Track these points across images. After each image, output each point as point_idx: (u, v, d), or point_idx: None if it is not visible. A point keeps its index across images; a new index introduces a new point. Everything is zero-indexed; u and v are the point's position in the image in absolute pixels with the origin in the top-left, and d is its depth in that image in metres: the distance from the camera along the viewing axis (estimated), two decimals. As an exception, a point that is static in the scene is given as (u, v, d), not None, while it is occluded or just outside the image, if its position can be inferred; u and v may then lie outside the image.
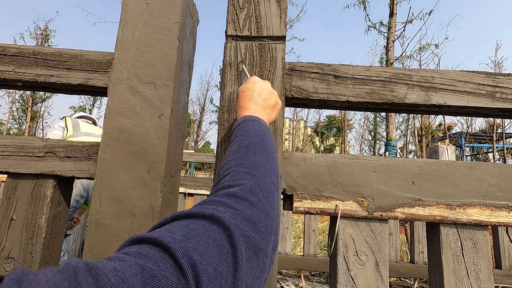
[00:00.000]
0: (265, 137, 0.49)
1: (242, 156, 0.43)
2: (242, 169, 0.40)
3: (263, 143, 0.47)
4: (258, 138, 0.47)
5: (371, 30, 7.09)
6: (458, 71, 0.69)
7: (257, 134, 0.48)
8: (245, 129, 0.50)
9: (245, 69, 0.65)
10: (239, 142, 0.47)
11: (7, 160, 0.66)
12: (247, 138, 0.47)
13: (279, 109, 0.61)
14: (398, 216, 0.61)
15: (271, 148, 0.47)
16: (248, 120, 0.52)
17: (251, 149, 0.44)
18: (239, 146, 0.46)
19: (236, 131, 0.51)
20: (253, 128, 0.50)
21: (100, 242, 0.57)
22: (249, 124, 0.51)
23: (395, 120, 5.93)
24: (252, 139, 0.46)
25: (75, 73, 0.69)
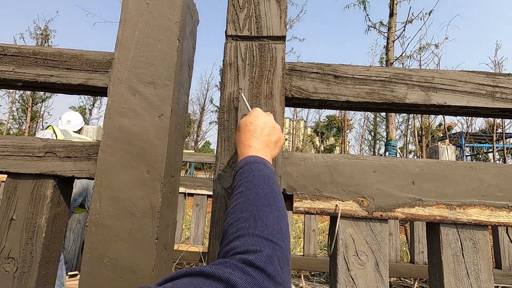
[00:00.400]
0: (273, 186, 0.46)
1: (254, 216, 0.40)
2: (256, 233, 0.37)
3: (272, 194, 0.44)
4: (267, 188, 0.45)
5: (371, 30, 7.09)
6: (458, 71, 0.69)
7: (265, 182, 0.46)
8: (251, 175, 0.47)
9: (244, 98, 0.63)
10: (246, 193, 0.44)
11: (7, 160, 0.66)
12: (255, 188, 0.44)
13: (281, 145, 0.59)
14: (398, 216, 0.61)
15: (280, 199, 0.45)
16: (252, 162, 0.49)
17: (261, 205, 0.41)
18: (247, 199, 0.43)
19: (241, 175, 0.48)
20: (260, 174, 0.47)
21: (100, 242, 0.57)
22: (255, 168, 0.48)
23: (395, 120, 5.93)
24: (261, 190, 0.44)
25: (75, 73, 0.69)
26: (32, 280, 0.61)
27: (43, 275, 0.64)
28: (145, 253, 0.57)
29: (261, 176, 0.47)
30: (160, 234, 0.59)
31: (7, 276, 0.61)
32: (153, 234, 0.57)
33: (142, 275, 0.56)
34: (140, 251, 0.57)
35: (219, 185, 0.62)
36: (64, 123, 3.12)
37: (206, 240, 3.74)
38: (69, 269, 2.64)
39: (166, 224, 0.63)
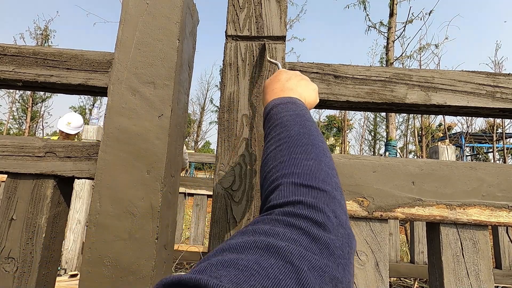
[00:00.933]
0: (306, 122, 0.40)
1: (287, 161, 0.35)
2: (293, 181, 0.32)
3: (306, 132, 0.38)
4: (299, 127, 0.39)
5: (371, 30, 7.09)
6: (458, 71, 0.69)
7: (296, 121, 0.40)
8: (279, 117, 0.42)
9: (280, 66, 0.60)
10: (276, 138, 0.39)
11: (7, 160, 0.66)
12: (285, 130, 0.39)
13: (316, 90, 0.52)
14: (398, 216, 0.61)
15: (316, 135, 0.39)
16: (279, 104, 0.44)
17: (294, 147, 0.36)
18: (279, 144, 0.38)
19: (269, 121, 0.43)
20: (288, 113, 0.42)
21: (100, 242, 0.57)
22: (282, 109, 0.43)
23: (395, 120, 5.93)
24: (292, 131, 0.38)
25: (75, 73, 0.69)
26: (32, 280, 0.61)
27: (43, 275, 0.64)
28: (145, 253, 0.57)
29: (291, 115, 0.41)
30: (160, 234, 0.59)
31: (7, 276, 0.61)
32: (153, 234, 0.57)
33: (142, 275, 0.56)
34: (140, 251, 0.57)
35: (219, 185, 0.62)
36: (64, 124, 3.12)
37: (206, 240, 3.74)
38: (69, 269, 2.64)
39: (166, 224, 0.63)
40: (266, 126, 0.44)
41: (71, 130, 3.13)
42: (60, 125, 3.15)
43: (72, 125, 3.15)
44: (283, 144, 0.37)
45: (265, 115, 0.46)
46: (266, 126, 0.44)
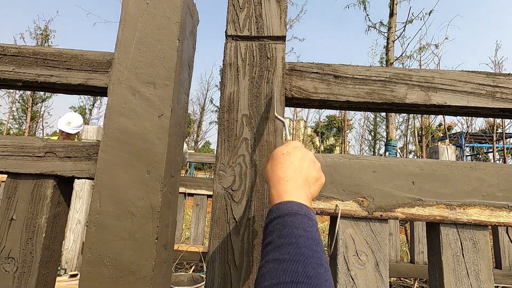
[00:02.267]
0: (322, 255, 0.36)
1: None
2: None
3: (322, 274, 0.34)
4: (316, 263, 0.34)
5: (371, 30, 7.09)
6: (458, 71, 0.69)
7: (313, 251, 0.35)
8: (295, 234, 0.37)
9: (286, 124, 0.57)
10: (291, 268, 0.33)
11: (7, 160, 0.66)
12: (302, 262, 0.34)
13: (321, 186, 0.50)
14: (398, 216, 0.61)
15: (329, 276, 0.35)
16: (296, 214, 0.39)
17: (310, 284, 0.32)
18: (295, 281, 0.32)
19: (281, 229, 0.38)
20: (306, 234, 0.37)
21: (100, 242, 0.57)
22: (300, 224, 0.38)
23: (395, 120, 5.93)
24: (309, 269, 0.33)
25: (75, 73, 0.69)
26: (32, 280, 0.61)
27: (43, 275, 0.64)
28: (145, 253, 0.57)
29: (308, 239, 0.36)
30: (160, 234, 0.59)
31: (7, 276, 0.61)
32: (153, 234, 0.57)
33: (142, 275, 0.56)
34: (140, 251, 0.57)
35: (219, 185, 0.62)
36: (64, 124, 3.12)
37: (206, 240, 3.74)
38: (69, 269, 2.64)
39: (166, 224, 0.63)
40: (274, 232, 0.38)
41: (72, 130, 3.13)
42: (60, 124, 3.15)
43: (73, 124, 3.15)
44: (299, 284, 0.32)
45: (275, 214, 0.40)
46: (275, 232, 0.38)
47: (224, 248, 0.60)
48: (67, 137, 3.15)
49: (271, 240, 0.38)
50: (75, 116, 3.25)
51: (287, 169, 0.45)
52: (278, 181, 0.44)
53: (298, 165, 0.46)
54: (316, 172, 0.48)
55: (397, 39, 6.45)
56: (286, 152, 0.48)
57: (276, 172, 0.45)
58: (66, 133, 3.13)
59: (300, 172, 0.45)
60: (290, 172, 0.45)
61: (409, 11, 6.39)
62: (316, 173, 0.48)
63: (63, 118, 3.18)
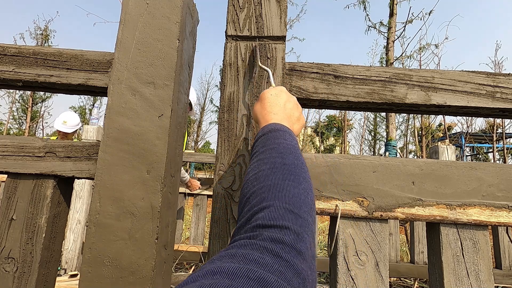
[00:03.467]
0: (299, 156, 0.42)
1: (280, 185, 0.36)
2: (283, 205, 0.34)
3: (299, 164, 0.40)
4: (293, 157, 0.41)
5: (371, 30, 7.09)
6: (458, 71, 0.69)
7: (291, 151, 0.42)
8: (275, 142, 0.43)
9: (270, 74, 0.61)
10: (270, 160, 0.40)
11: (7, 160, 0.66)
12: (280, 156, 0.40)
13: (303, 126, 0.56)
14: (398, 216, 0.61)
15: (306, 170, 0.41)
16: (277, 130, 0.46)
17: (288, 174, 0.38)
18: (271, 166, 0.39)
19: (264, 142, 0.44)
20: (286, 142, 0.43)
21: (100, 242, 0.57)
22: (280, 136, 0.44)
23: (395, 120, 5.93)
24: (287, 159, 0.40)
25: (75, 73, 0.69)
26: (32, 280, 0.61)
27: (43, 275, 0.64)
28: (145, 253, 0.57)
29: (288, 145, 0.43)
30: (160, 234, 0.59)
31: (7, 276, 0.61)
32: (153, 234, 0.57)
33: (142, 275, 0.56)
34: (140, 251, 0.57)
35: (219, 185, 0.62)
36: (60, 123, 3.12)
37: (206, 240, 3.74)
38: (69, 269, 2.64)
39: (166, 224, 0.63)
40: (258, 145, 0.45)
41: (68, 129, 3.12)
42: (57, 124, 3.15)
43: (69, 123, 3.14)
44: (277, 168, 0.38)
45: (260, 134, 0.47)
46: (259, 144, 0.45)
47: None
48: (64, 136, 3.14)
49: (255, 151, 0.44)
50: (70, 114, 3.23)
51: (274, 107, 0.51)
52: (266, 114, 0.51)
53: (284, 105, 0.52)
54: (299, 113, 0.55)
55: (397, 39, 6.44)
56: (274, 94, 0.54)
57: (265, 109, 0.52)
58: (63, 133, 3.12)
59: (284, 110, 0.52)
60: (276, 109, 0.51)
61: (409, 11, 6.38)
62: (298, 114, 0.55)
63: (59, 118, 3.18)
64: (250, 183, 0.39)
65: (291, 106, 0.53)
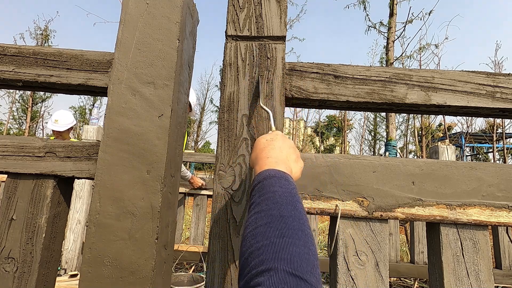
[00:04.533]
0: (297, 204, 0.41)
1: (278, 244, 0.35)
2: (284, 268, 0.32)
3: (298, 215, 0.38)
4: (291, 207, 0.39)
5: (371, 30, 7.09)
6: (458, 71, 0.69)
7: (288, 200, 0.40)
8: (272, 191, 0.42)
9: (271, 115, 0.61)
10: (268, 213, 0.38)
11: (7, 160, 0.66)
12: (278, 207, 0.39)
13: (301, 168, 0.54)
14: (398, 216, 0.61)
15: (305, 220, 0.39)
16: (273, 176, 0.44)
17: (286, 229, 0.36)
18: (269, 221, 0.37)
19: (260, 191, 0.43)
20: (282, 189, 0.42)
21: (100, 242, 0.57)
22: (276, 183, 0.43)
23: (395, 120, 5.93)
24: (284, 210, 0.38)
25: (75, 73, 0.69)
26: (32, 280, 0.61)
27: (43, 275, 0.64)
28: (145, 253, 0.57)
29: (284, 192, 0.41)
30: (160, 234, 0.59)
31: (7, 276, 0.61)
32: (153, 234, 0.57)
33: (142, 275, 0.56)
34: (140, 251, 0.57)
35: (219, 185, 0.62)
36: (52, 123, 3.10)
37: (206, 240, 3.75)
38: (69, 269, 2.64)
39: (166, 224, 0.63)
40: (255, 194, 0.43)
41: (60, 127, 3.08)
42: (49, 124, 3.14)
43: (60, 122, 3.10)
44: (274, 223, 0.37)
45: (256, 181, 0.45)
46: (256, 194, 0.43)
47: (224, 248, 0.60)
48: (59, 135, 3.12)
49: (253, 201, 0.43)
50: (62, 113, 3.20)
51: (269, 151, 0.50)
52: (261, 159, 0.49)
53: (279, 148, 0.51)
54: (296, 156, 0.53)
55: (397, 39, 6.44)
56: (269, 138, 0.53)
57: (260, 154, 0.51)
58: (57, 132, 3.09)
59: (280, 153, 0.50)
60: (271, 153, 0.50)
61: (409, 11, 6.38)
62: (295, 156, 0.53)
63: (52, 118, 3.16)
64: (248, 241, 0.38)
65: (287, 149, 0.51)
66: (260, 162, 0.49)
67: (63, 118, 3.14)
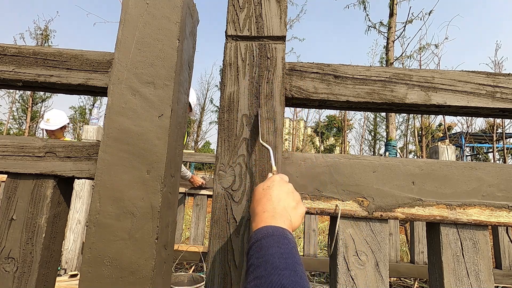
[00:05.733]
0: (297, 267, 0.39)
1: None
2: None
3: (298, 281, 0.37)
4: (289, 272, 0.37)
5: (371, 30, 7.09)
6: (458, 71, 0.69)
7: (287, 264, 0.39)
8: (270, 253, 0.40)
9: (271, 152, 0.59)
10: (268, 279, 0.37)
11: (7, 160, 0.66)
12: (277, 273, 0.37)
13: (303, 215, 0.52)
14: (398, 216, 0.61)
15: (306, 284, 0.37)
16: (271, 235, 0.43)
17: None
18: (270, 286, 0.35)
19: (257, 252, 0.41)
20: (280, 250, 0.40)
21: (100, 242, 0.57)
22: (274, 243, 0.41)
23: (395, 120, 5.93)
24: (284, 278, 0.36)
25: (75, 73, 0.69)
26: (32, 280, 0.61)
27: (43, 275, 0.64)
28: (145, 253, 0.57)
29: (282, 254, 0.40)
30: (160, 234, 0.59)
31: (7, 276, 0.61)
32: (153, 234, 0.57)
33: (142, 275, 0.56)
34: (140, 251, 0.57)
35: (219, 185, 0.62)
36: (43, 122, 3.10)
37: (206, 240, 3.74)
38: (69, 269, 2.64)
39: (166, 224, 0.63)
40: (253, 255, 0.42)
41: (52, 126, 3.06)
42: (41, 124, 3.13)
43: (52, 121, 3.08)
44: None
45: (253, 240, 0.44)
46: (254, 255, 0.41)
47: (224, 248, 0.60)
48: (52, 134, 3.09)
49: (251, 263, 0.41)
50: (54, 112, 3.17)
51: (266, 203, 0.48)
52: (257, 214, 0.48)
53: (276, 197, 0.49)
54: (295, 203, 0.51)
55: (397, 39, 6.44)
56: (266, 187, 0.51)
57: (258, 206, 0.49)
58: (50, 131, 3.07)
59: (278, 203, 0.48)
60: (268, 205, 0.48)
61: (409, 11, 6.38)
62: (294, 203, 0.51)
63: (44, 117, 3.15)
64: None
65: (284, 197, 0.49)
66: (257, 218, 0.47)
67: (54, 117, 3.12)
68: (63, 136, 3.30)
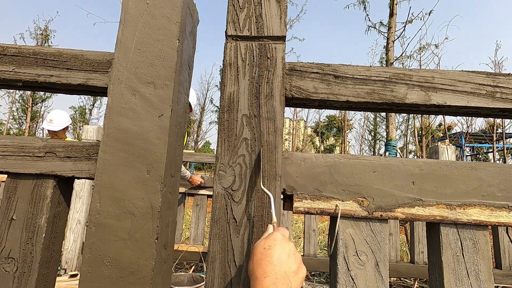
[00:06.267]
0: None
1: None
2: None
3: None
4: None
5: (371, 30, 7.09)
6: (458, 71, 0.69)
7: None
8: None
9: (272, 200, 0.57)
10: None
11: (7, 160, 0.66)
12: None
13: (303, 278, 0.51)
14: (398, 216, 0.61)
15: None
16: None
17: None
18: None
19: None
20: None
21: (100, 242, 0.57)
22: None
23: (395, 120, 5.93)
24: None
25: (75, 73, 0.69)
26: (32, 280, 0.61)
27: (43, 275, 0.64)
28: (145, 253, 0.57)
29: None
30: (160, 234, 0.59)
31: (7, 276, 0.61)
32: (153, 234, 0.57)
33: (142, 275, 0.56)
34: (140, 251, 0.57)
35: (219, 185, 0.62)
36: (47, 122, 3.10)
37: (206, 240, 3.74)
38: (69, 269, 2.64)
39: (166, 224, 0.63)
40: None
41: (55, 127, 3.07)
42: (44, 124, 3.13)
43: (55, 121, 3.09)
44: None
45: None
46: None
47: (224, 248, 0.60)
48: (54, 135, 3.10)
49: None
50: (57, 113, 3.18)
51: (266, 266, 0.47)
52: (258, 279, 0.47)
53: (277, 260, 0.48)
54: (296, 266, 0.50)
55: (397, 39, 6.44)
56: (268, 246, 0.50)
57: (256, 268, 0.48)
58: (52, 131, 3.08)
59: (279, 267, 0.47)
60: (268, 269, 0.47)
61: (409, 11, 6.39)
62: (295, 267, 0.50)
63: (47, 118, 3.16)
64: None
65: (286, 260, 0.49)
66: (258, 284, 0.46)
67: (58, 117, 3.13)
68: (65, 137, 3.31)
